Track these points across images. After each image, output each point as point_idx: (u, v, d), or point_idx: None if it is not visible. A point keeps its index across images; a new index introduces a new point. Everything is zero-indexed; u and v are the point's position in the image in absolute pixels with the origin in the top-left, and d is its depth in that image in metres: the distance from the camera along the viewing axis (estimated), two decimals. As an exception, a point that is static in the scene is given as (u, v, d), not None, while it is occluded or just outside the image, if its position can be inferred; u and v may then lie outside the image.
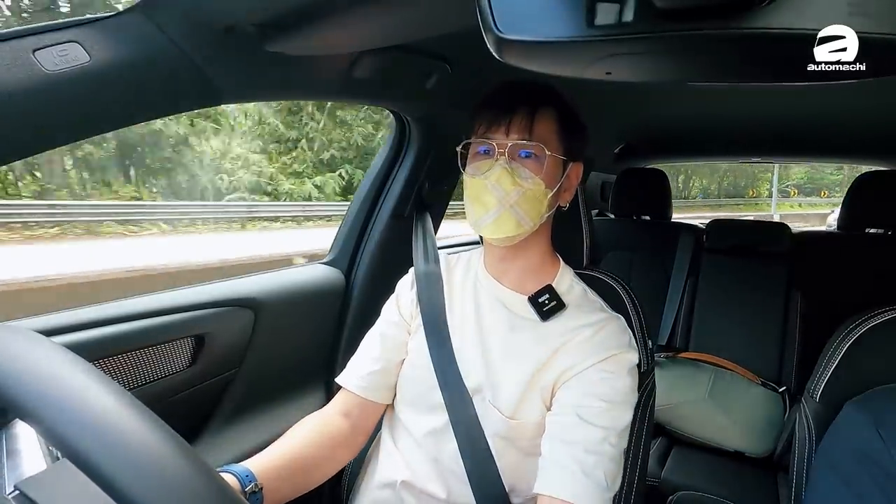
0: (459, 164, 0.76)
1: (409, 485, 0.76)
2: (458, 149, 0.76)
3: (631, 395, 0.70)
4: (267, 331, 1.05)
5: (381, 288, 0.89)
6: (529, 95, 0.72)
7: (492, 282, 0.79)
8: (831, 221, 11.14)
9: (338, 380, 0.83)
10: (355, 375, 0.82)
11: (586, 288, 0.80)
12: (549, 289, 0.76)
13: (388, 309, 0.87)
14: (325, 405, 0.83)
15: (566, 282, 0.79)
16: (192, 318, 0.92)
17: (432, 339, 0.78)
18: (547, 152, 0.70)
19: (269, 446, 0.73)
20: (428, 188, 1.28)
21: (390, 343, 0.83)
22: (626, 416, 0.68)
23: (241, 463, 0.67)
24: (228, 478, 0.63)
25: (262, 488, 0.64)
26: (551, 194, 0.72)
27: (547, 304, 0.74)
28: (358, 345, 0.87)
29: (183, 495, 0.29)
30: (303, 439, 0.75)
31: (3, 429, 0.45)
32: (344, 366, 0.85)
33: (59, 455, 0.44)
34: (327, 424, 0.79)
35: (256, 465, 0.67)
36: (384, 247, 1.26)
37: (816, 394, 0.78)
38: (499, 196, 0.69)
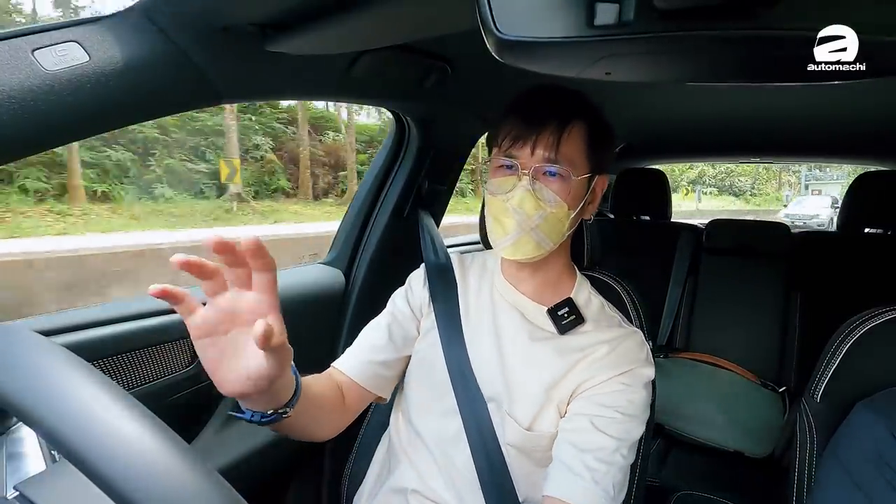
0: (481, 183, 0.74)
1: (419, 494, 0.74)
2: (482, 163, 0.74)
3: (645, 409, 0.70)
4: None
5: (381, 288, 0.89)
6: (559, 108, 0.68)
7: (509, 288, 0.78)
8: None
9: (335, 364, 0.79)
10: (355, 361, 0.78)
11: (604, 301, 0.79)
12: (568, 302, 0.74)
13: (398, 301, 0.84)
14: None
15: (584, 294, 0.78)
16: None
17: (447, 340, 0.76)
18: (573, 176, 0.67)
19: (311, 377, 0.69)
20: (427, 188, 1.28)
21: (398, 336, 0.80)
22: (638, 430, 0.68)
23: (304, 378, 0.62)
24: (290, 374, 0.57)
25: (289, 415, 0.58)
26: (574, 214, 0.70)
27: (566, 318, 0.73)
28: None
29: (182, 496, 0.29)
30: (326, 387, 0.72)
31: (7, 433, 0.45)
32: None
33: (58, 456, 0.44)
34: (336, 387, 0.75)
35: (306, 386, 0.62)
36: (384, 247, 1.26)
37: (817, 394, 0.78)
38: (519, 220, 0.67)
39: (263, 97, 0.90)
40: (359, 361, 0.79)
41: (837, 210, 1.87)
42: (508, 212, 0.68)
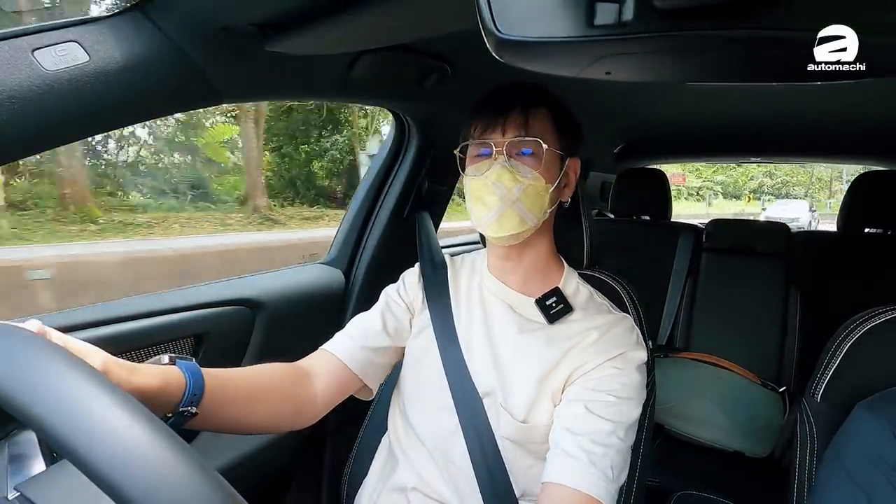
0: (459, 168, 0.76)
1: (419, 492, 0.75)
2: (457, 152, 0.76)
3: (640, 391, 0.70)
4: (266, 331, 1.05)
5: (381, 288, 0.89)
6: (522, 97, 0.72)
7: (496, 283, 0.79)
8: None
9: (325, 346, 0.79)
10: (348, 344, 0.78)
11: (592, 290, 0.79)
12: (556, 291, 0.75)
13: (391, 293, 0.85)
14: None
15: (572, 284, 0.79)
16: (191, 317, 0.92)
17: (441, 339, 0.77)
18: (544, 146, 0.70)
19: (231, 370, 0.67)
20: (427, 188, 1.28)
21: (391, 325, 0.81)
22: (635, 412, 0.68)
23: (209, 372, 0.60)
24: (177, 376, 0.56)
25: (196, 413, 0.58)
26: (552, 189, 0.72)
27: (554, 307, 0.74)
28: None
29: (182, 496, 0.29)
30: (265, 377, 0.70)
31: (10, 436, 0.45)
32: None
33: (58, 456, 0.44)
34: (292, 374, 0.73)
35: (212, 382, 0.60)
36: (384, 246, 1.26)
37: (818, 394, 0.78)
38: (500, 194, 0.70)
39: (263, 97, 0.90)
40: (351, 345, 0.78)
41: (815, 213, 1.89)
42: (488, 188, 0.70)
